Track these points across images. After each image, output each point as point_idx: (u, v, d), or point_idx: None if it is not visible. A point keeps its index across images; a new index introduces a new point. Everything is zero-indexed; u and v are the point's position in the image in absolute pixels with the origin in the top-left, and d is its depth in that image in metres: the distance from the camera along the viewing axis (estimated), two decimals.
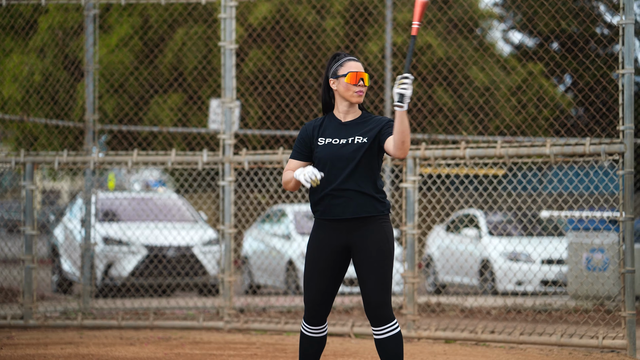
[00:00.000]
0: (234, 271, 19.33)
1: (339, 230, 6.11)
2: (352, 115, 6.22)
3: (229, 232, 10.70)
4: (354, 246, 6.11)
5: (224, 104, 10.69)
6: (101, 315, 11.83)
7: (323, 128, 6.23)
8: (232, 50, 10.72)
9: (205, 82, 19.66)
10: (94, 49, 12.04)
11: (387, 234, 6.10)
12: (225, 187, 10.69)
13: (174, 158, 10.84)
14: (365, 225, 6.07)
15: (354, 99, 6.15)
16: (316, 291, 6.12)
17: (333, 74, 6.20)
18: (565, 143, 9.44)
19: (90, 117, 12.09)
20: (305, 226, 16.80)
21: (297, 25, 19.58)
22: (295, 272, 16.34)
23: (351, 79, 6.11)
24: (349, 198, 6.07)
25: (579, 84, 20.82)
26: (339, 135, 6.17)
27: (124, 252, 15.70)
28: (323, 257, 6.12)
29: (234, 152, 10.88)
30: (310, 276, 6.15)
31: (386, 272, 6.06)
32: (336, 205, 6.09)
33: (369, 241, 6.06)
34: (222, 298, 10.87)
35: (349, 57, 6.23)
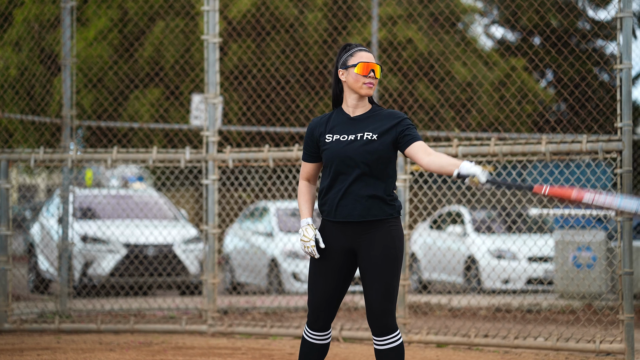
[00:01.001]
0: None
1: (344, 232, 5.76)
2: (361, 109, 5.85)
3: (213, 232, 10.26)
4: (359, 250, 5.76)
5: (208, 100, 10.24)
6: (79, 318, 11.36)
7: (331, 124, 5.86)
8: (216, 44, 10.28)
9: (187, 76, 19.18)
10: (71, 43, 11.56)
11: (394, 238, 5.74)
12: (208, 186, 10.24)
13: (155, 156, 10.39)
14: (372, 228, 5.72)
15: (363, 90, 5.78)
16: (320, 294, 5.78)
17: (343, 64, 5.84)
18: (561, 140, 9.04)
19: (67, 112, 11.62)
20: (288, 224, 16.37)
21: (276, 20, 19.12)
22: (278, 271, 15.91)
23: (361, 70, 5.75)
24: (356, 200, 5.71)
25: (563, 80, 20.48)
26: (348, 131, 5.80)
27: (102, 251, 15.22)
28: (328, 262, 5.78)
29: (218, 149, 10.43)
30: (315, 279, 5.80)
31: (391, 279, 5.69)
32: (343, 207, 5.73)
33: (375, 246, 5.70)
34: (206, 300, 10.43)
35: (360, 47, 5.85)
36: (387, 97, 18.95)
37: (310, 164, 5.93)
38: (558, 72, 19.41)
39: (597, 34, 22.97)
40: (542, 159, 9.16)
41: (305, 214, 5.86)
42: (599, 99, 20.03)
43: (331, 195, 5.75)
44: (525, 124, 20.19)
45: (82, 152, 10.64)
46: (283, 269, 15.77)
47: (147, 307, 12.60)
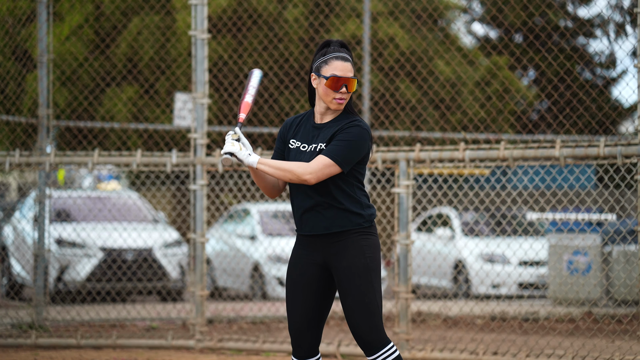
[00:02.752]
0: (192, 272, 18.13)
1: (315, 246, 5.19)
2: (330, 116, 5.24)
3: (201, 241, 9.48)
4: (330, 264, 5.18)
5: (196, 100, 9.46)
6: (57, 331, 10.53)
7: (299, 128, 5.28)
8: (204, 40, 9.50)
9: (163, 74, 18.35)
10: (48, 39, 10.73)
11: (363, 247, 5.14)
12: (196, 192, 9.46)
13: (139, 159, 9.59)
14: (340, 240, 5.15)
15: (332, 105, 5.18)
16: (299, 316, 5.19)
17: (316, 69, 5.19)
18: (576, 144, 8.35)
19: (44, 112, 10.78)
20: (272, 227, 15.60)
21: (258, 16, 18.34)
22: (262, 276, 15.13)
23: (332, 85, 5.11)
24: (318, 212, 5.15)
25: (544, 78, 19.89)
26: (308, 139, 5.23)
27: (78, 255, 14.38)
28: (303, 276, 5.21)
29: (207, 152, 9.65)
30: (292, 298, 5.22)
31: (365, 292, 5.10)
32: (307, 219, 5.18)
33: (343, 258, 5.13)
34: (194, 313, 9.65)
35: (336, 54, 5.17)
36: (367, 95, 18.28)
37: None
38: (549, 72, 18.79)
39: (576, 32, 22.40)
40: (556, 163, 8.46)
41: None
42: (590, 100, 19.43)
43: (296, 207, 5.24)
44: (508, 123, 19.57)
45: (61, 155, 9.81)
46: (266, 274, 15.01)
47: (127, 317, 11.81)
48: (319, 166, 5.08)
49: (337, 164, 5.09)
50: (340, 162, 5.09)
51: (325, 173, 5.08)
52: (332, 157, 5.09)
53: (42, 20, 10.73)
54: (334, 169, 5.09)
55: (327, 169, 5.08)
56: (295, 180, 5.08)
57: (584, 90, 18.76)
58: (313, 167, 5.07)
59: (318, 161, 5.09)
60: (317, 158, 5.10)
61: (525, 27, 19.82)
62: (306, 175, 5.06)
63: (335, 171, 5.10)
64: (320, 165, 5.07)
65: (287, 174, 5.09)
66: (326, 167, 5.08)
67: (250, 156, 5.12)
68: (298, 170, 5.08)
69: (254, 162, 5.12)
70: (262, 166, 5.11)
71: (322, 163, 5.08)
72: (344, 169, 5.11)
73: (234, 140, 5.13)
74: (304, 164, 5.10)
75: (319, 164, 5.08)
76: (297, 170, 5.08)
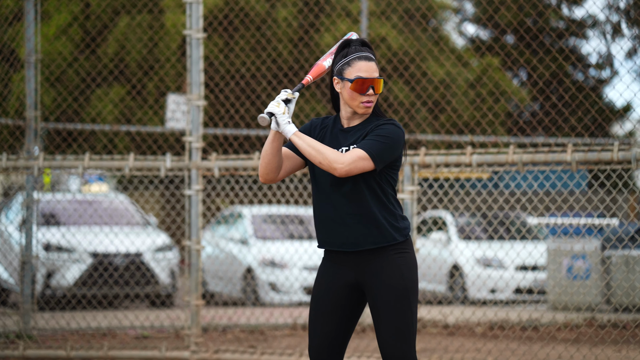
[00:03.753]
0: (185, 275, 17.66)
1: (345, 263, 4.75)
2: (357, 120, 4.82)
3: (196, 248, 9.06)
4: (363, 284, 4.75)
5: (191, 102, 9.04)
6: (46, 342, 10.08)
7: (324, 132, 4.84)
8: (200, 39, 9.08)
9: (150, 75, 17.91)
10: (36, 39, 10.28)
11: (401, 267, 4.71)
12: (192, 197, 9.04)
13: (132, 163, 9.16)
14: (375, 257, 4.71)
15: (360, 110, 4.77)
16: (321, 336, 4.77)
17: (338, 72, 4.77)
18: (589, 148, 7.97)
19: (31, 114, 10.33)
20: (265, 230, 15.17)
21: (244, 15, 17.90)
22: (255, 281, 14.71)
23: (358, 88, 4.70)
24: (350, 225, 4.70)
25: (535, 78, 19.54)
26: (335, 144, 4.79)
27: (66, 261, 13.92)
28: (329, 295, 4.78)
29: (202, 156, 9.23)
30: (314, 317, 4.79)
31: (402, 317, 4.68)
32: (337, 234, 4.73)
33: (379, 278, 4.70)
34: (189, 323, 9.22)
35: (360, 53, 4.75)
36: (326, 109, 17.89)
37: (289, 150, 4.88)
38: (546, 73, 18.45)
39: (571, 32, 22.10)
40: (567, 168, 8.08)
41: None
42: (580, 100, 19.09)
43: (321, 218, 4.78)
44: (505, 127, 19.23)
45: (50, 159, 9.38)
46: (259, 279, 14.59)
47: (118, 325, 11.37)
48: (352, 157, 4.64)
49: (372, 158, 4.66)
50: (374, 158, 4.67)
51: (358, 166, 4.64)
52: (367, 149, 4.66)
53: (30, 19, 10.29)
54: (367, 163, 4.66)
55: (361, 161, 4.65)
56: (325, 165, 4.65)
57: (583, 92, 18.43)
58: (347, 157, 4.65)
59: (352, 153, 4.67)
60: (351, 150, 4.69)
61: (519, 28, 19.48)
62: (338, 163, 4.63)
63: (367, 166, 4.67)
64: (354, 157, 4.65)
65: (318, 156, 4.66)
66: (360, 160, 4.65)
67: (290, 124, 4.69)
68: (331, 156, 4.65)
69: (290, 131, 4.68)
70: (296, 139, 4.68)
71: (355, 155, 4.65)
72: (377, 166, 4.68)
73: (282, 100, 4.71)
74: (339, 153, 4.68)
75: (353, 155, 4.65)
76: (330, 155, 4.65)
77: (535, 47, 19.59)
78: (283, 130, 4.69)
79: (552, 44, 21.15)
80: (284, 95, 4.69)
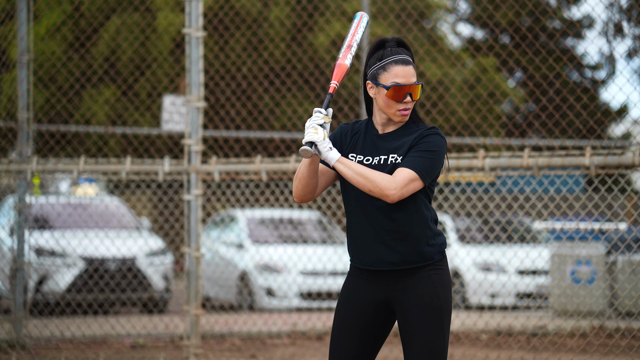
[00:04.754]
0: (179, 278, 17.23)
1: (375, 281, 4.34)
2: (393, 125, 4.38)
3: (196, 255, 8.63)
4: (394, 303, 4.34)
5: (190, 103, 8.61)
6: (39, 351, 9.62)
7: (356, 139, 4.39)
8: (200, 38, 8.65)
9: (142, 74, 17.45)
10: (28, 39, 9.84)
11: (436, 286, 4.30)
12: (191, 203, 8.61)
13: (129, 167, 8.72)
14: (409, 276, 4.30)
15: (396, 118, 4.33)
16: (343, 356, 4.35)
17: (372, 76, 4.33)
18: (608, 152, 7.57)
19: (24, 116, 9.87)
20: (260, 234, 14.73)
21: (235, 14, 17.47)
22: (250, 286, 14.27)
23: (394, 95, 4.27)
24: (385, 241, 4.29)
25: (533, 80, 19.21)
26: (372, 151, 4.34)
27: (58, 265, 13.45)
28: (354, 313, 4.37)
29: (202, 160, 8.80)
30: (337, 335, 4.37)
31: (435, 339, 4.27)
32: (370, 251, 4.31)
33: (412, 297, 4.29)
34: (188, 332, 8.79)
35: (396, 57, 4.31)
36: (351, 97, 17.53)
37: (326, 168, 4.45)
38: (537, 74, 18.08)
39: (567, 33, 21.76)
40: (586, 172, 7.68)
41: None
42: (576, 101, 18.74)
43: (355, 234, 4.35)
44: (504, 128, 18.87)
45: (44, 163, 8.93)
46: (255, 284, 14.16)
47: (112, 333, 10.93)
48: (404, 181, 4.20)
49: (422, 178, 4.23)
50: (424, 177, 4.24)
51: (410, 189, 4.22)
52: (417, 170, 4.23)
53: (23, 17, 9.85)
54: (418, 184, 4.24)
55: (412, 184, 4.22)
56: (376, 192, 4.21)
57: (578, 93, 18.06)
58: (398, 181, 4.20)
59: (402, 175, 4.21)
60: (400, 172, 4.23)
61: (511, 28, 19.13)
62: (390, 190, 4.19)
63: (418, 187, 4.25)
64: (406, 180, 4.21)
65: (367, 184, 4.21)
66: (411, 182, 4.21)
67: (332, 150, 4.24)
68: (382, 183, 4.20)
69: (334, 158, 4.24)
70: (340, 166, 4.24)
71: (407, 178, 4.21)
72: (426, 183, 4.27)
73: (318, 125, 4.25)
74: (389, 177, 4.22)
75: (404, 178, 4.21)
76: (381, 182, 4.20)
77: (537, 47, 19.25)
78: (326, 158, 4.25)
79: (548, 46, 20.80)
80: (319, 119, 4.24)
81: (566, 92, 18.63)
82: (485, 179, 15.25)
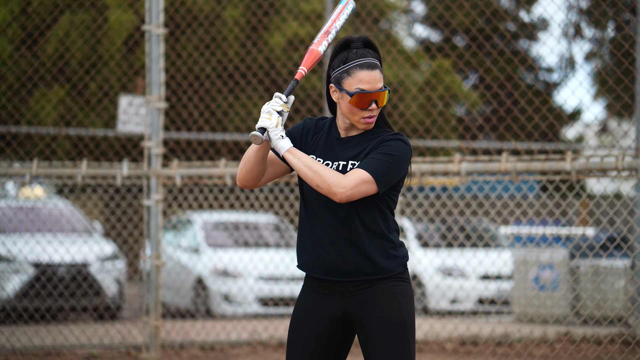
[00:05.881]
0: (132, 282, 16.65)
1: (333, 292, 4.00)
2: (356, 130, 4.04)
3: (156, 264, 8.13)
4: (353, 317, 4.00)
5: (150, 104, 8.11)
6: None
7: (318, 139, 4.06)
8: (160, 35, 8.16)
9: (98, 74, 16.86)
10: None
11: (398, 298, 3.98)
12: (151, 208, 8.10)
13: (85, 171, 8.20)
14: (368, 287, 3.98)
15: (360, 125, 3.99)
16: None
17: (335, 80, 3.96)
18: (590, 155, 7.21)
19: None
20: (217, 238, 14.22)
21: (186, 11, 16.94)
22: (206, 292, 13.76)
23: (358, 102, 3.92)
24: (341, 252, 3.95)
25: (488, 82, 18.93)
26: (332, 156, 4.02)
27: (6, 271, 12.84)
28: (309, 329, 4.03)
29: (163, 163, 8.29)
30: (292, 353, 4.03)
31: (399, 354, 3.94)
32: (325, 260, 3.97)
33: (373, 311, 3.96)
34: (147, 343, 8.29)
35: (361, 60, 3.94)
36: (309, 98, 17.12)
37: (278, 159, 4.09)
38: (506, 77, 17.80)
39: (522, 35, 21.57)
40: (567, 178, 7.32)
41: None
42: (527, 103, 18.50)
43: (309, 241, 4.02)
44: (454, 129, 18.55)
45: None
46: (211, 289, 13.65)
47: (64, 343, 10.37)
48: (355, 181, 3.89)
49: (376, 181, 3.91)
50: (379, 180, 3.92)
51: (361, 191, 3.90)
52: (372, 172, 3.91)
53: None
54: (371, 187, 3.91)
55: (364, 185, 3.90)
56: (323, 189, 3.88)
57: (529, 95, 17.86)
58: (349, 180, 3.89)
59: (354, 175, 3.90)
60: (353, 172, 3.92)
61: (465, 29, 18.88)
62: (338, 187, 3.87)
63: (371, 190, 3.92)
64: (357, 180, 3.89)
65: (315, 178, 3.89)
66: (363, 183, 3.90)
67: (283, 139, 3.91)
68: (331, 179, 3.88)
69: (284, 147, 3.91)
70: (290, 156, 3.91)
71: (359, 178, 3.90)
72: (382, 189, 3.94)
73: (275, 110, 3.90)
74: (340, 175, 3.91)
75: (356, 178, 3.90)
76: (330, 178, 3.88)
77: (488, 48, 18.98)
78: (275, 146, 3.92)
79: (503, 48, 20.55)
80: (277, 105, 3.89)
81: (521, 95, 18.38)
82: (449, 182, 14.91)
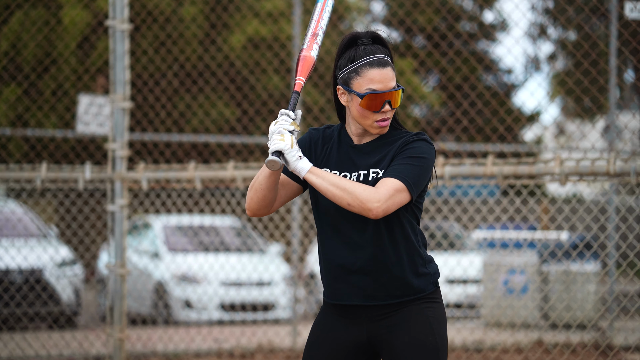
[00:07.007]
0: (89, 287, 16.07)
1: (354, 319, 3.57)
2: (369, 136, 3.60)
3: (120, 272, 7.63)
4: (380, 343, 3.56)
5: (115, 103, 7.61)
6: None
7: (328, 150, 3.60)
8: (125, 31, 7.66)
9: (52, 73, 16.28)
10: None
11: (430, 321, 3.56)
12: (115, 214, 7.60)
13: (44, 174, 7.68)
14: (396, 311, 3.55)
15: (373, 130, 3.56)
16: None
17: (343, 81, 3.53)
18: (580, 159, 6.85)
19: None
20: (177, 242, 13.70)
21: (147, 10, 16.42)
22: (166, 297, 13.24)
23: (370, 104, 3.49)
24: (368, 273, 3.52)
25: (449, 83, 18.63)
26: (349, 166, 3.57)
27: None
28: (327, 356, 3.58)
29: (128, 166, 7.80)
30: None
31: None
32: (348, 284, 3.53)
33: (403, 336, 3.53)
34: (112, 355, 7.79)
35: (371, 57, 3.51)
36: (271, 98, 16.70)
37: (288, 179, 3.66)
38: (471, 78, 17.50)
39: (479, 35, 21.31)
40: (555, 181, 6.94)
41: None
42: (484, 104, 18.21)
43: (329, 263, 3.58)
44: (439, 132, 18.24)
45: None
46: (172, 295, 13.14)
47: (18, 353, 9.82)
48: (389, 192, 3.45)
49: (409, 189, 3.49)
50: (411, 187, 3.50)
51: (396, 202, 3.47)
52: (403, 179, 3.48)
53: None
54: (405, 196, 3.49)
55: (399, 195, 3.47)
56: (356, 206, 3.43)
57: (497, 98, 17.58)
58: (382, 193, 3.44)
59: (387, 186, 3.46)
60: (383, 182, 3.47)
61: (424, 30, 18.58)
62: (373, 202, 3.43)
63: (405, 199, 3.50)
64: (390, 190, 3.45)
65: (345, 196, 3.43)
66: (397, 193, 3.47)
67: (301, 160, 3.47)
68: (363, 194, 3.43)
69: (304, 168, 3.47)
70: (313, 177, 3.47)
71: (392, 188, 3.46)
72: (414, 196, 3.52)
73: (287, 130, 3.47)
74: (371, 188, 3.46)
75: (389, 189, 3.46)
76: (361, 194, 3.43)
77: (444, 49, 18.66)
78: (294, 169, 3.47)
79: (464, 48, 20.26)
80: (287, 124, 3.45)
81: (480, 96, 18.09)
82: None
